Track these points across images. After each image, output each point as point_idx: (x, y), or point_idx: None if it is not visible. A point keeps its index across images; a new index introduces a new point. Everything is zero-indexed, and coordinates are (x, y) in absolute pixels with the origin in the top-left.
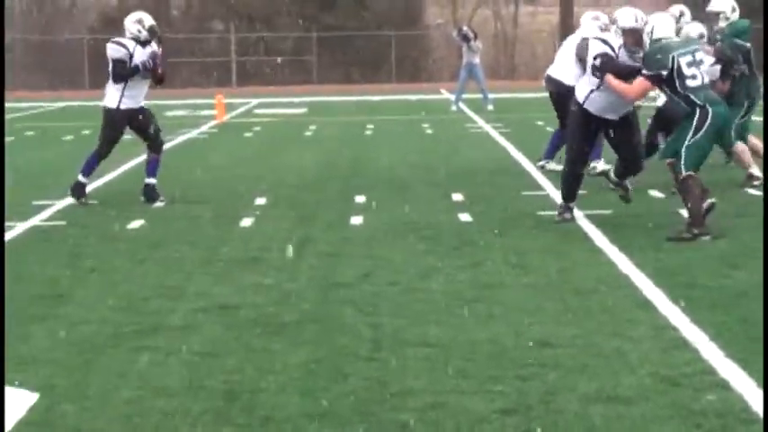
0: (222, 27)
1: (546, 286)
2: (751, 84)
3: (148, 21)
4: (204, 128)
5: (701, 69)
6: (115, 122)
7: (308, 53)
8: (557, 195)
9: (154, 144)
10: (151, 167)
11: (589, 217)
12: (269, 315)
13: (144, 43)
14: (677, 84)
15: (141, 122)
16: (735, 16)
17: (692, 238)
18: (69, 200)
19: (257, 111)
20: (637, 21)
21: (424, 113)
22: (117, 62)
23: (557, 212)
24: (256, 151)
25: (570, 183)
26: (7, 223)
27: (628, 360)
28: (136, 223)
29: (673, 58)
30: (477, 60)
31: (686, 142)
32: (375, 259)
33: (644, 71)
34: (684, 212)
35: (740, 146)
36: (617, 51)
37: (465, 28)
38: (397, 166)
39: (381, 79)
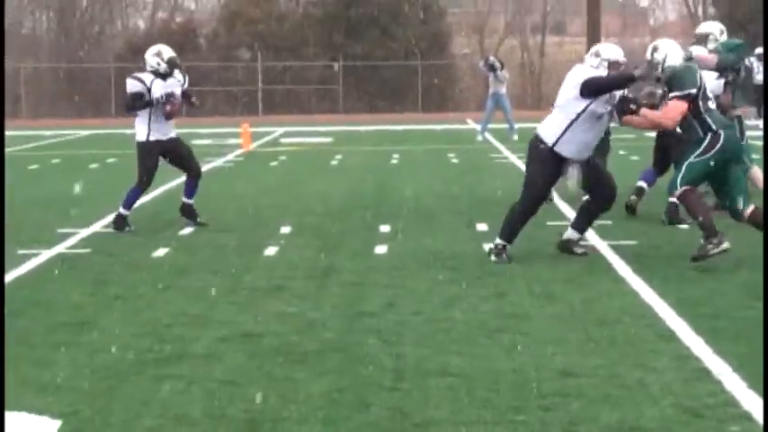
0: (249, 56)
1: (569, 316)
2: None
3: (167, 53)
4: (230, 156)
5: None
6: (148, 154)
7: (334, 82)
8: None
9: (191, 171)
10: (189, 189)
11: (613, 247)
12: (292, 344)
13: (164, 76)
14: (701, 105)
15: (174, 154)
16: (723, 38)
17: (715, 247)
18: (94, 228)
19: (283, 140)
20: (622, 54)
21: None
22: (133, 95)
23: (494, 253)
24: (282, 180)
25: (521, 223)
26: (32, 251)
27: (650, 391)
28: (161, 251)
29: (700, 77)
30: (503, 90)
31: (691, 158)
32: (399, 288)
33: (675, 93)
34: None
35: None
36: None
37: (492, 58)
38: (422, 195)
39: (407, 108)
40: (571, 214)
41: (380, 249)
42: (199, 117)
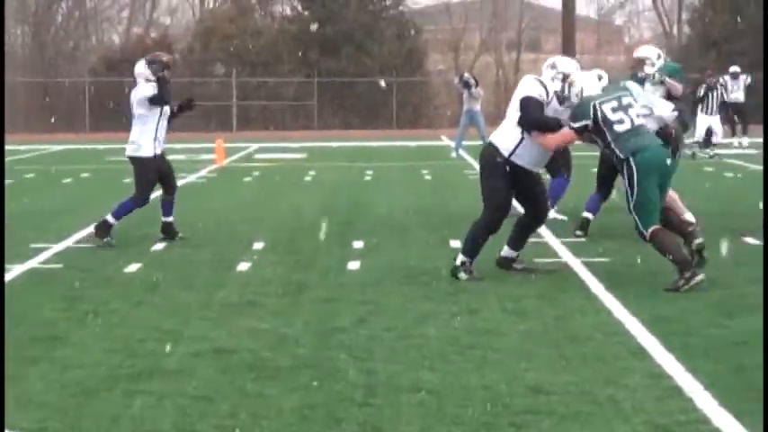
0: (223, 72)
1: (541, 333)
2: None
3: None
4: (203, 172)
5: (629, 113)
6: (154, 168)
7: (309, 98)
8: (555, 243)
9: (172, 187)
10: (168, 207)
11: (586, 264)
12: (264, 360)
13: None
14: (608, 134)
15: (163, 166)
16: (660, 63)
17: (686, 283)
18: (67, 243)
19: (257, 155)
20: (578, 68)
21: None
22: (151, 98)
23: (463, 272)
24: (255, 196)
25: (483, 239)
26: (5, 266)
27: (621, 408)
28: (133, 266)
29: (594, 107)
30: (477, 107)
31: (630, 205)
32: (371, 304)
33: (571, 123)
34: None
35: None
36: (550, 97)
37: (466, 74)
38: (396, 211)
39: (381, 125)
40: (544, 231)
41: (353, 265)
42: (172, 132)
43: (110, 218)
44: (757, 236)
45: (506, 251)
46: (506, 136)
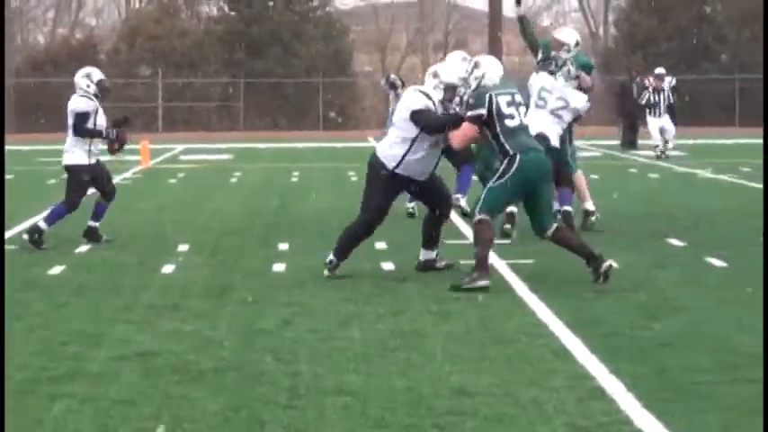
0: (149, 72)
1: (465, 335)
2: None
3: (97, 75)
4: (128, 173)
5: (519, 111)
6: (87, 176)
7: (235, 99)
8: None
9: (109, 193)
10: (99, 211)
11: (510, 266)
12: (188, 362)
13: (98, 97)
14: (497, 126)
15: (101, 174)
16: (576, 50)
17: (471, 282)
18: None
19: (183, 157)
20: (458, 79)
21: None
22: (81, 115)
23: (327, 269)
24: (180, 197)
25: (355, 244)
26: None
27: (544, 410)
28: (57, 269)
29: (490, 97)
30: None
31: (490, 184)
32: (296, 306)
33: (467, 114)
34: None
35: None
36: (436, 106)
37: (393, 76)
38: (322, 213)
39: (308, 126)
40: (469, 232)
41: (278, 267)
42: None
43: (42, 223)
44: (681, 238)
45: (424, 254)
46: (391, 148)
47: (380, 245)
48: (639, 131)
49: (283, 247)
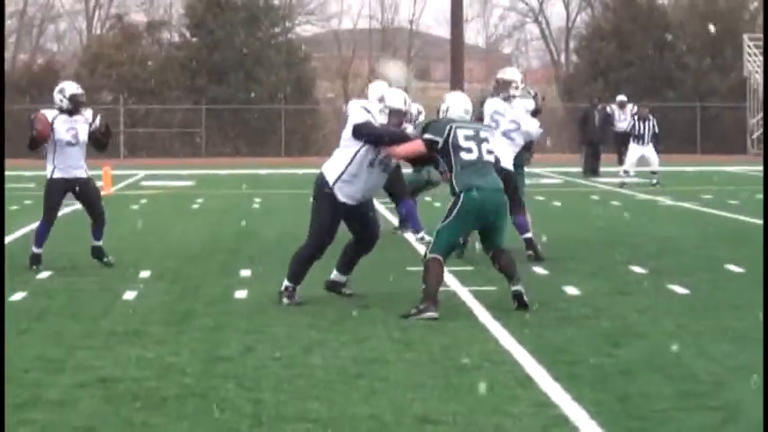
0: (111, 98)
1: (428, 362)
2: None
3: (70, 89)
4: None
5: (481, 147)
6: (51, 192)
7: (197, 125)
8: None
9: (95, 215)
10: (97, 233)
11: (473, 293)
12: (150, 389)
13: (69, 112)
14: (452, 157)
15: (81, 194)
16: (522, 86)
17: (417, 314)
18: None
19: (144, 183)
20: (405, 103)
21: None
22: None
23: (285, 297)
24: (142, 224)
25: (306, 266)
26: None
27: None
28: (18, 295)
29: (450, 128)
30: None
31: (439, 225)
32: (258, 333)
33: (423, 135)
34: (572, 290)
35: None
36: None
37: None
38: (284, 239)
39: (270, 153)
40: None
41: (240, 294)
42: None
43: (35, 249)
44: (643, 265)
45: (335, 275)
46: (333, 165)
47: None
48: (601, 159)
49: (245, 273)
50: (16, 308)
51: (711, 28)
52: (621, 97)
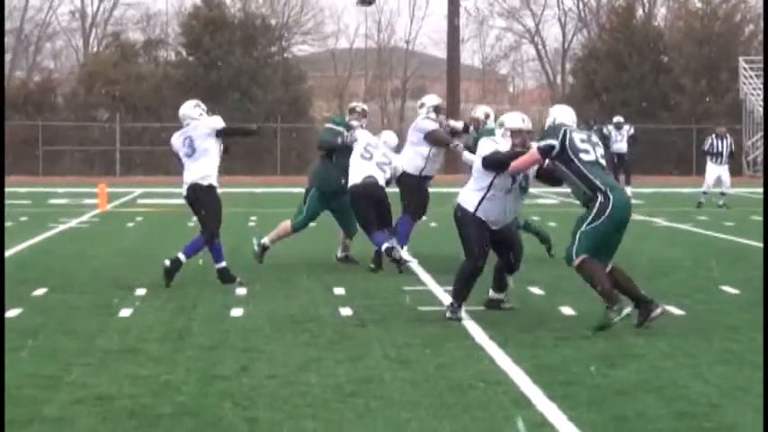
0: (107, 116)
1: (424, 381)
2: None
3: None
4: (85, 217)
5: (596, 150)
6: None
7: None
8: (438, 290)
9: (203, 228)
10: (216, 254)
11: (469, 312)
12: (145, 407)
13: None
14: (574, 159)
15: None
16: (490, 122)
17: (617, 315)
18: None
19: (140, 200)
20: (524, 121)
21: None
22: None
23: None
24: (138, 241)
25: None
26: None
27: None
28: (13, 312)
29: (564, 132)
30: None
31: (583, 227)
32: (254, 352)
33: (538, 144)
34: (568, 310)
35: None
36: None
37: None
38: (280, 258)
39: (266, 171)
40: (427, 279)
41: (236, 312)
42: (55, 176)
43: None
44: (639, 285)
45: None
46: (472, 197)
47: (339, 290)
48: None
49: (241, 291)
50: (11, 325)
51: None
52: (618, 118)
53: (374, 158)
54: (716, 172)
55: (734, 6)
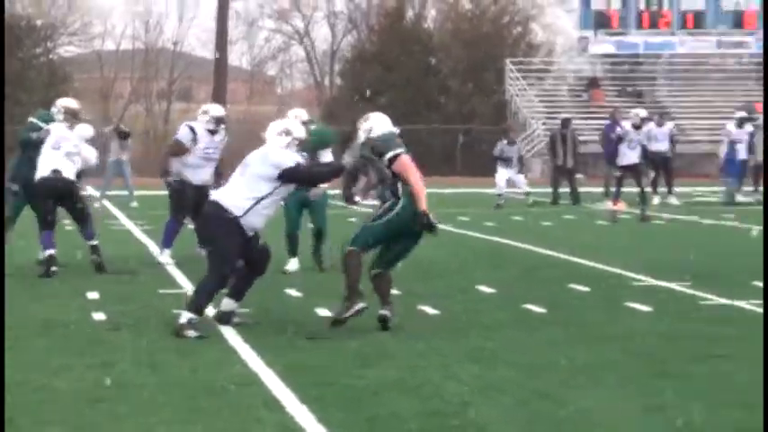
0: None
1: (176, 385)
2: None
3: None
4: None
5: None
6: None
7: None
8: None
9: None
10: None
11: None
12: None
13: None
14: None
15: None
16: (310, 126)
17: (351, 311)
18: None
19: None
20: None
21: None
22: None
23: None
24: None
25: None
26: None
27: None
28: None
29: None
30: (125, 157)
31: (365, 223)
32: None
33: (395, 152)
34: (323, 311)
35: None
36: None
37: (122, 125)
38: (30, 264)
39: None
40: (184, 282)
41: None
42: None
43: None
44: (397, 286)
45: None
46: (242, 199)
47: (93, 295)
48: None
49: None
50: None
51: None
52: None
53: (62, 149)
54: (506, 175)
55: (502, 9)
